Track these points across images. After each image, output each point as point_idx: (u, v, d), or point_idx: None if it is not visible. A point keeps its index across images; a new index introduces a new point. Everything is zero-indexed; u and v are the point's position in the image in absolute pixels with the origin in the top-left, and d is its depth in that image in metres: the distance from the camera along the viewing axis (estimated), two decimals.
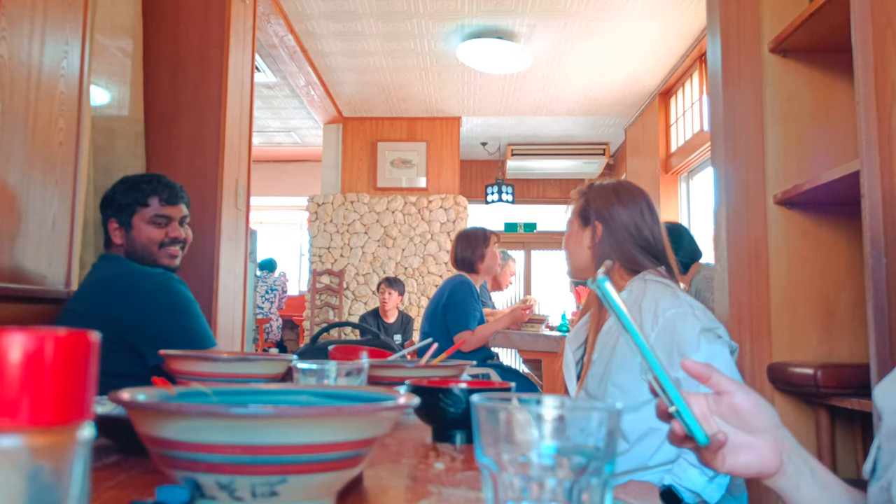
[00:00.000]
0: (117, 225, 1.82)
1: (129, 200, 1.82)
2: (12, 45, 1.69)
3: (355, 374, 0.94)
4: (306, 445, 0.47)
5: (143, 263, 1.81)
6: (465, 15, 4.61)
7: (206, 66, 2.84)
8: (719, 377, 0.73)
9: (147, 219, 1.81)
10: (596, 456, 0.44)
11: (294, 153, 8.71)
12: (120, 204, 1.82)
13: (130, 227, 1.81)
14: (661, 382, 0.67)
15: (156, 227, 1.82)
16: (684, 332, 1.44)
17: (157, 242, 1.82)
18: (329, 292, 6.61)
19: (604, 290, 0.61)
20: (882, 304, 1.44)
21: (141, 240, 1.81)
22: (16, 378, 0.25)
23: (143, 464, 0.72)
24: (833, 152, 2.14)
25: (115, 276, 1.75)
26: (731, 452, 0.71)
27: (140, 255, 1.81)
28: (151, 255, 1.82)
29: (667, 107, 5.94)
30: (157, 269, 1.78)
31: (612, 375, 1.51)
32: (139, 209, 1.81)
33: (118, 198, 1.83)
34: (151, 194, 1.82)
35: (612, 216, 1.66)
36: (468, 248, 3.42)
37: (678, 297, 1.51)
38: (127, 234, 1.82)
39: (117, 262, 1.81)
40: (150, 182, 1.85)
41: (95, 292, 1.74)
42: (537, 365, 3.34)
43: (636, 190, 1.73)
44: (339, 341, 2.65)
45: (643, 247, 1.67)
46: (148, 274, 1.74)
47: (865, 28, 1.51)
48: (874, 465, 0.77)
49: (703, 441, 0.68)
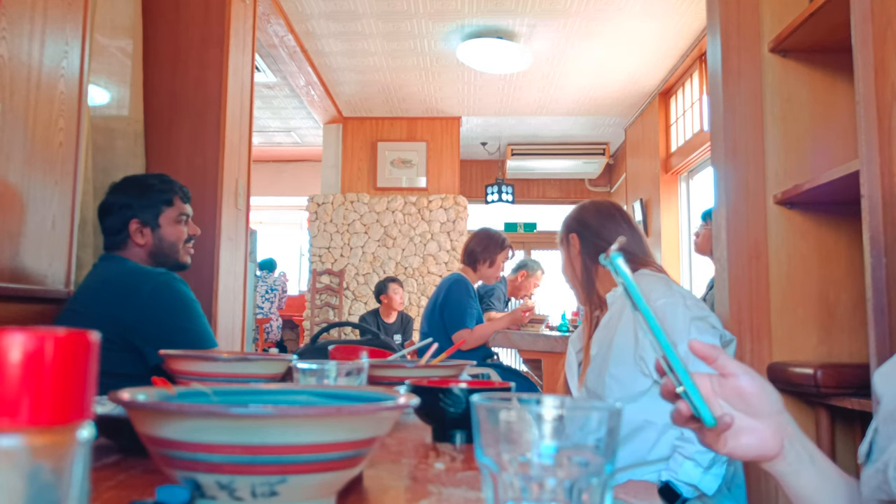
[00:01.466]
0: (139, 225, 1.82)
1: (154, 200, 1.84)
2: (12, 45, 1.69)
3: (355, 374, 0.94)
4: (306, 445, 0.47)
5: (166, 261, 1.84)
6: (465, 15, 4.61)
7: (206, 66, 2.84)
8: (726, 359, 0.73)
9: (174, 217, 1.86)
10: (596, 455, 0.44)
11: (294, 153, 8.71)
12: (142, 204, 1.83)
13: (157, 227, 1.84)
14: (670, 361, 0.66)
15: (181, 225, 1.87)
16: (674, 322, 1.45)
17: (182, 240, 1.87)
18: (329, 292, 6.61)
19: (615, 265, 0.60)
20: (882, 304, 1.44)
21: (170, 238, 1.85)
22: (16, 378, 0.25)
23: (143, 464, 0.72)
24: (833, 152, 2.14)
25: (117, 276, 1.75)
26: (732, 435, 0.71)
27: (166, 254, 1.85)
28: (176, 252, 1.86)
29: (667, 107, 5.94)
30: (160, 270, 1.78)
31: (609, 368, 1.52)
32: (165, 208, 1.85)
33: (136, 198, 1.84)
34: (175, 193, 1.87)
35: (582, 224, 1.76)
36: (480, 245, 3.41)
37: (670, 288, 1.53)
38: (154, 234, 1.83)
39: (118, 262, 1.80)
40: (165, 182, 1.89)
41: (97, 292, 1.74)
42: (537, 365, 3.34)
43: (601, 201, 1.85)
44: (339, 341, 2.65)
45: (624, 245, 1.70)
46: (150, 274, 1.74)
47: (865, 28, 1.51)
48: (870, 448, 0.76)
49: (711, 422, 0.67)
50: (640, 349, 1.49)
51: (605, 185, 8.26)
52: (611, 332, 1.58)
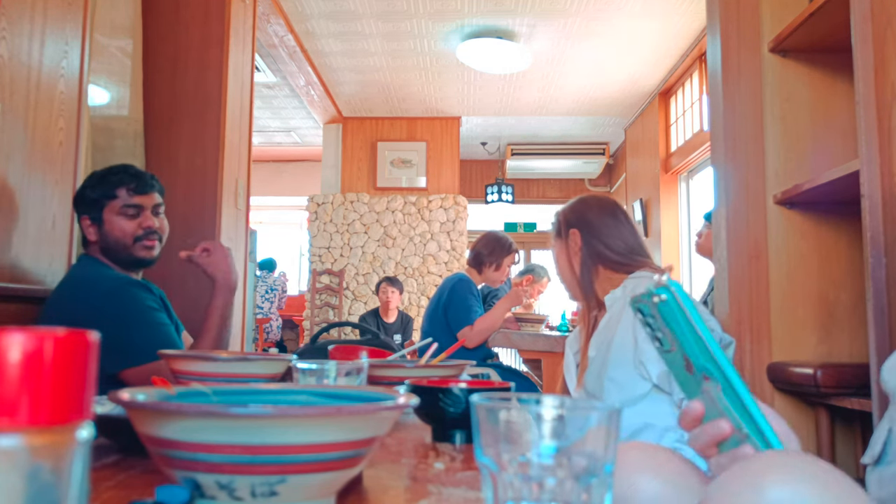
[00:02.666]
0: (90, 222, 1.74)
1: (97, 194, 1.73)
2: (12, 45, 1.69)
3: (355, 373, 0.94)
4: (306, 445, 0.47)
5: (119, 259, 1.74)
6: (465, 15, 4.61)
7: (206, 65, 2.84)
8: None
9: (117, 210, 1.72)
10: (595, 455, 0.44)
11: (294, 153, 8.71)
12: (89, 199, 1.73)
13: (102, 222, 1.72)
14: (736, 387, 0.62)
15: (127, 219, 1.72)
16: None
17: (130, 235, 1.72)
18: (329, 292, 6.61)
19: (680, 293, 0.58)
20: (882, 304, 1.44)
21: (114, 234, 1.72)
22: (15, 378, 0.25)
23: (143, 464, 0.72)
24: (833, 152, 2.14)
25: (78, 276, 1.72)
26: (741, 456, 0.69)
27: (115, 251, 1.73)
28: (126, 248, 1.73)
29: (667, 107, 5.95)
30: (116, 275, 1.71)
31: (608, 370, 1.52)
32: (108, 202, 1.72)
33: (87, 193, 1.75)
34: (119, 185, 1.73)
35: (584, 220, 1.72)
36: (487, 248, 3.41)
37: None
38: (100, 230, 1.73)
39: (88, 264, 1.75)
40: (117, 173, 1.75)
41: (58, 293, 1.71)
42: (537, 365, 3.34)
43: (603, 197, 1.81)
44: (339, 341, 2.65)
45: (624, 241, 1.69)
46: (107, 277, 1.68)
47: (865, 28, 1.51)
48: (883, 449, 0.75)
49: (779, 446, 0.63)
50: (640, 353, 1.49)
51: (605, 185, 8.26)
52: (610, 334, 1.57)
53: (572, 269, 1.72)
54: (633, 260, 1.67)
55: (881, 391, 1.41)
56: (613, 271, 1.67)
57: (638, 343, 1.50)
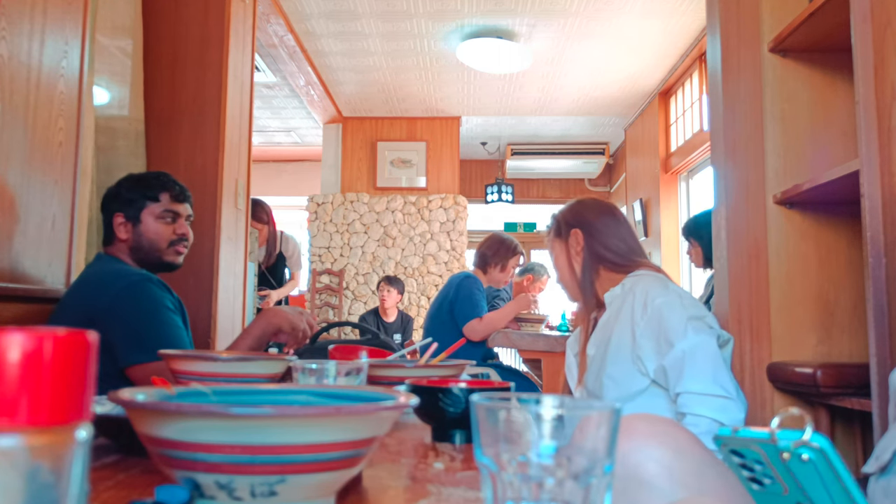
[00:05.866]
0: (124, 219, 1.79)
1: (137, 195, 1.80)
2: (12, 45, 1.69)
3: (355, 373, 0.94)
4: (306, 445, 0.47)
5: (147, 259, 1.79)
6: (465, 15, 4.61)
7: (206, 65, 2.84)
8: None
9: (157, 214, 1.79)
10: (595, 455, 0.44)
11: (294, 153, 8.71)
12: (127, 198, 1.80)
13: (139, 222, 1.79)
14: None
15: (164, 224, 1.80)
16: (671, 321, 1.46)
17: (166, 239, 1.80)
18: (329, 292, 6.61)
19: (830, 453, 0.54)
20: (882, 304, 1.44)
21: (149, 235, 1.79)
22: (14, 378, 0.25)
23: (143, 464, 0.72)
24: (833, 152, 2.14)
25: (95, 274, 1.74)
26: None
27: (146, 251, 1.79)
28: (158, 251, 1.80)
29: (666, 106, 5.95)
30: (137, 271, 1.74)
31: (606, 368, 1.53)
32: (149, 204, 1.79)
33: (124, 192, 1.81)
34: (162, 189, 1.81)
35: (585, 221, 1.74)
36: (492, 249, 3.45)
37: (667, 288, 1.54)
38: (134, 229, 1.79)
39: (104, 261, 1.79)
40: (160, 178, 1.84)
41: (76, 289, 1.73)
42: (537, 365, 3.34)
43: (599, 199, 1.85)
44: (339, 341, 2.65)
45: (624, 241, 1.71)
46: (124, 273, 1.70)
47: (865, 28, 1.51)
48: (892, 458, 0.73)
49: None
50: (638, 348, 1.49)
51: (605, 185, 8.26)
52: (608, 331, 1.58)
53: (572, 270, 1.73)
54: (632, 260, 1.68)
55: (882, 392, 1.40)
56: (613, 271, 1.67)
57: (636, 339, 1.50)
